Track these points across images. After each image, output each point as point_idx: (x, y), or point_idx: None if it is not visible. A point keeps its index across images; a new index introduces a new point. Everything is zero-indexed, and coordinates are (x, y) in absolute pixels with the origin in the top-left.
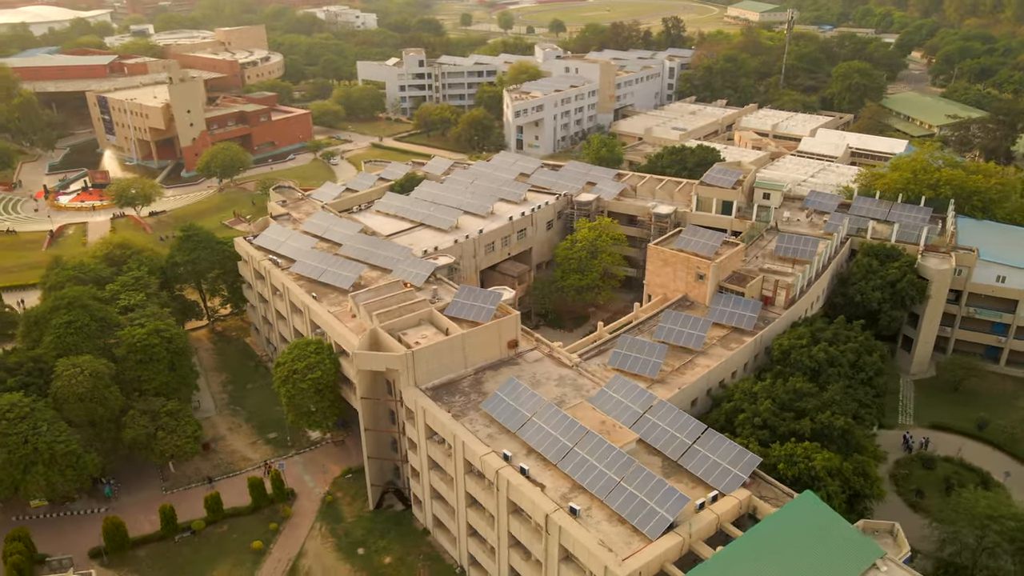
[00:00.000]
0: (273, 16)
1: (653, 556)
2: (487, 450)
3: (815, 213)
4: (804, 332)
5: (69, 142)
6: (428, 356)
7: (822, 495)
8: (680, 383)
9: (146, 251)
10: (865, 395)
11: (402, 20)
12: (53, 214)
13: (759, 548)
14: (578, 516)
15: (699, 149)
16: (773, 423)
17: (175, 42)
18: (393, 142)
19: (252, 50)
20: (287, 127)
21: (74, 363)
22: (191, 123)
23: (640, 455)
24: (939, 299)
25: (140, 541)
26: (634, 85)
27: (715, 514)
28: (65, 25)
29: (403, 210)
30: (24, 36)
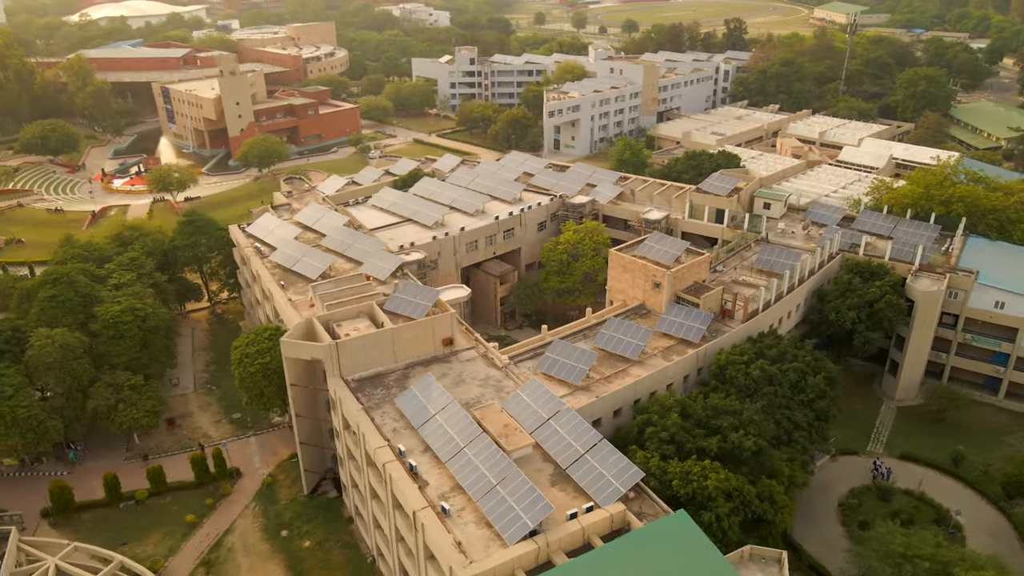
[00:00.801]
0: (353, 13)
1: (502, 561)
2: (382, 443)
3: (815, 226)
4: (747, 348)
5: (138, 129)
6: (354, 348)
7: (712, 516)
8: (602, 392)
9: (152, 234)
10: (803, 417)
11: (473, 18)
12: (104, 196)
13: (609, 563)
14: (449, 516)
15: (718, 155)
16: (680, 438)
17: (248, 37)
18: (436, 138)
19: (319, 45)
20: (334, 121)
21: (47, 334)
22: (239, 114)
23: (534, 460)
24: (927, 323)
25: (88, 506)
26: (682, 88)
27: (581, 526)
28: (161, 19)
29: (395, 205)
30: (121, 29)
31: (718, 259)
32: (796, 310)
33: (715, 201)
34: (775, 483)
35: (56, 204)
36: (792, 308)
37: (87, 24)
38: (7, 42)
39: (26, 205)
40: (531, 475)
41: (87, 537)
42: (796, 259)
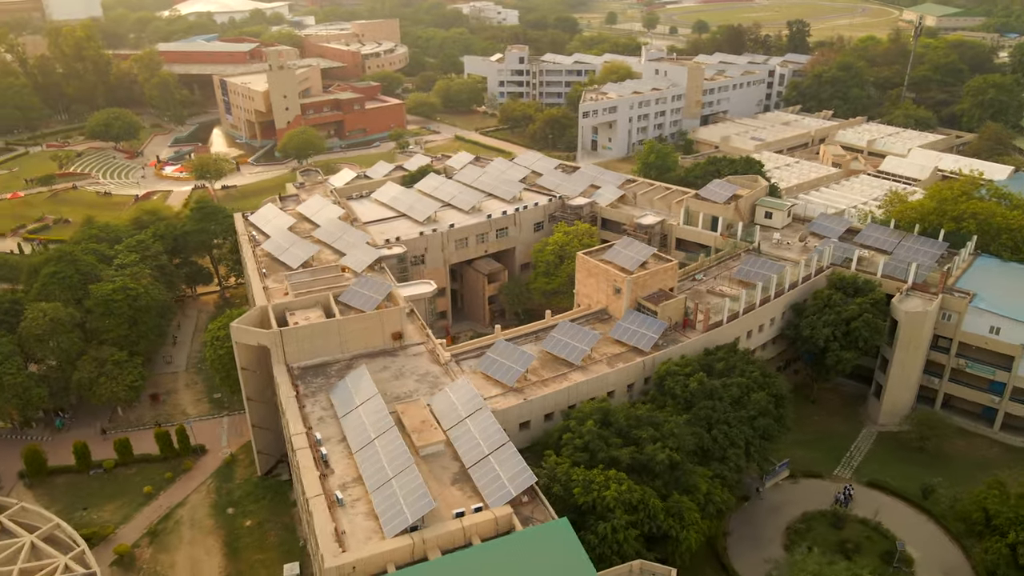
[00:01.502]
0: (425, 11)
1: (374, 553)
2: (300, 431)
3: (816, 237)
4: (692, 359)
5: (200, 119)
6: (300, 336)
7: (608, 527)
8: (533, 394)
9: (167, 219)
10: (741, 434)
11: (541, 17)
12: (154, 182)
13: (471, 564)
14: (342, 505)
15: (739, 160)
16: (595, 447)
17: (316, 33)
18: (477, 136)
19: (380, 42)
20: (379, 116)
21: (41, 308)
22: (286, 107)
23: (443, 458)
24: (912, 345)
25: (61, 470)
26: (730, 91)
27: (462, 526)
28: (245, 15)
29: (395, 200)
30: (206, 24)
31: (701, 267)
32: (770, 324)
33: (710, 208)
34: (687, 500)
35: (106, 188)
36: (765, 321)
37: (176, 19)
38: (87, 35)
39: (80, 188)
40: (436, 472)
41: (55, 500)
42: (777, 271)
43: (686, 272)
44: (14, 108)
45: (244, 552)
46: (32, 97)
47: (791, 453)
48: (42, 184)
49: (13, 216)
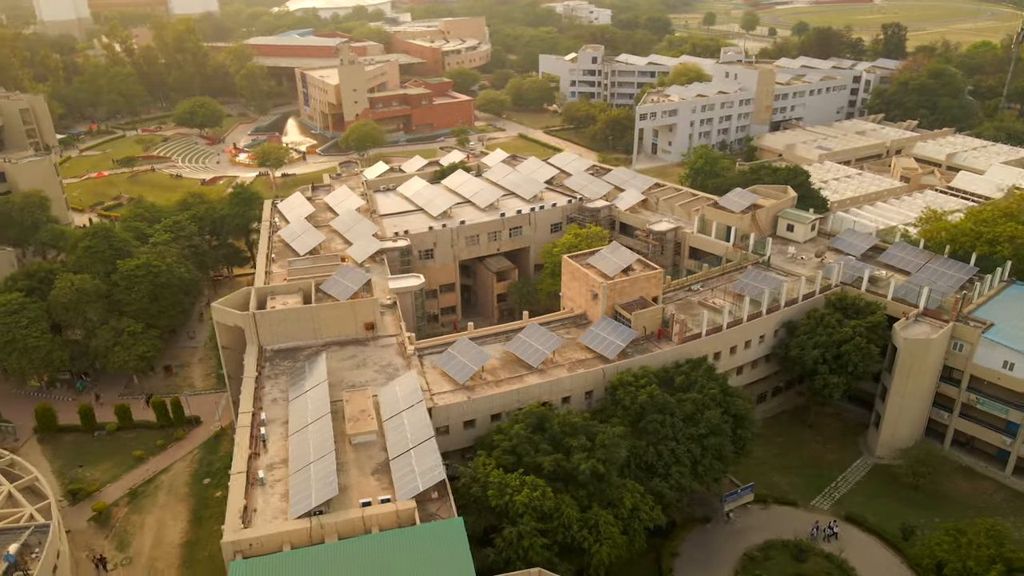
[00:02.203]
0: (521, 9)
1: (270, 533)
2: (248, 410)
3: (838, 253)
4: (649, 371)
5: (284, 110)
6: (273, 320)
7: (514, 532)
8: (481, 394)
9: (210, 203)
10: (686, 452)
11: (633, 17)
12: (226, 167)
13: (357, 552)
14: (263, 485)
15: (782, 169)
16: (522, 450)
17: (403, 30)
18: (541, 135)
19: (464, 39)
20: (446, 111)
21: (70, 279)
22: (355, 100)
23: (373, 447)
24: (913, 374)
25: (70, 428)
26: (806, 97)
27: (362, 515)
28: (348, 11)
29: (416, 194)
30: (311, 19)
31: (700, 277)
32: (760, 341)
33: (725, 217)
34: (606, 513)
35: (179, 171)
36: (753, 338)
37: (284, 14)
38: (188, 28)
39: (157, 170)
40: (361, 461)
41: (58, 455)
42: (776, 286)
43: (683, 282)
44: (119, 95)
45: (207, 521)
46: (136, 85)
47: (770, 478)
48: (124, 165)
49: (95, 193)
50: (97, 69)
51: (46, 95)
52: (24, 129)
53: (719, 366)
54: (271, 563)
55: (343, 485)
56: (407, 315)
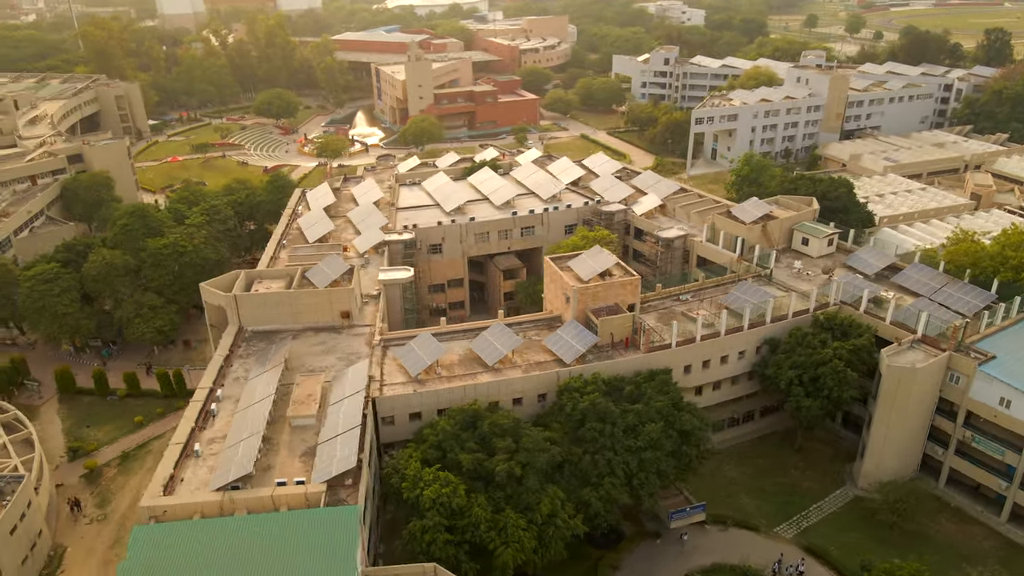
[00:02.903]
0: (616, 9)
1: (184, 502)
2: (205, 386)
3: (849, 271)
4: (599, 379)
5: (360, 103)
6: (253, 303)
7: (419, 526)
8: (429, 388)
9: (251, 190)
10: (622, 464)
11: (727, 18)
12: (293, 157)
13: (253, 527)
14: (198, 456)
15: (825, 180)
16: (447, 446)
17: (485, 27)
18: (604, 136)
19: (545, 38)
20: (511, 109)
21: (103, 253)
22: (420, 96)
23: (308, 431)
24: (899, 405)
25: (86, 391)
26: (885, 105)
27: (271, 494)
28: (444, 8)
29: (436, 189)
30: (407, 16)
31: (692, 288)
32: (740, 357)
33: (734, 227)
34: (516, 516)
35: (245, 159)
36: (731, 353)
37: (381, 11)
38: (278, 23)
39: (227, 157)
40: (295, 442)
41: (71, 414)
42: (765, 300)
43: (673, 291)
44: (210, 85)
45: None
46: (228, 76)
47: (738, 499)
48: (198, 151)
49: (168, 176)
50: (194, 60)
51: (145, 84)
52: (119, 114)
53: (691, 380)
54: (170, 529)
55: (269, 464)
56: (395, 307)
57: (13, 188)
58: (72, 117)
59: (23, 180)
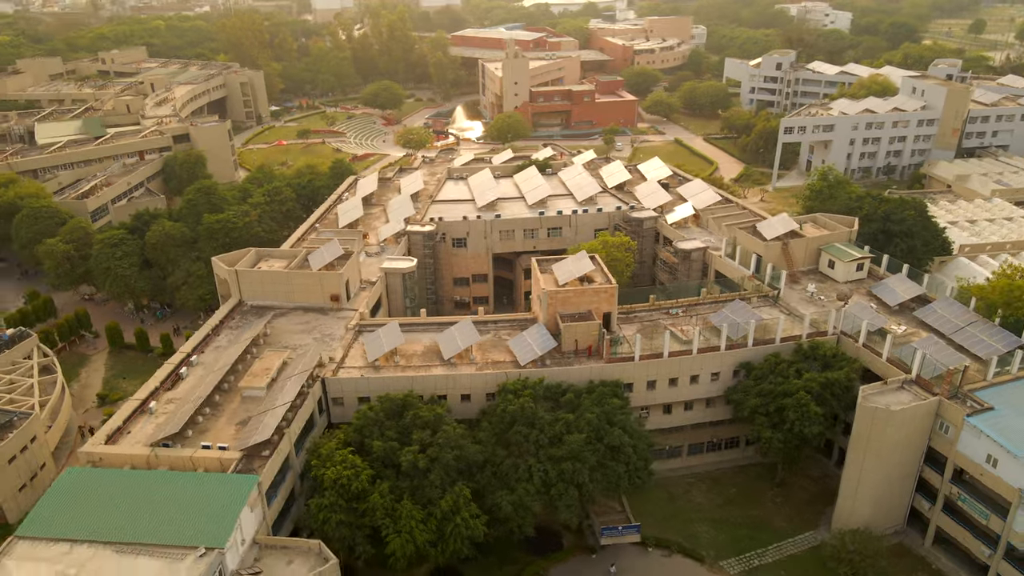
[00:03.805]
0: (753, 9)
1: (119, 453)
2: (184, 351)
3: (875, 300)
4: (541, 384)
5: (469, 98)
6: (251, 279)
7: (316, 503)
8: (377, 375)
9: (314, 174)
10: (539, 472)
11: (875, 21)
12: (388, 147)
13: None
14: (151, 414)
15: (894, 200)
16: (367, 432)
17: (603, 27)
18: (700, 142)
19: (665, 38)
20: (607, 110)
21: (163, 224)
22: (516, 93)
23: (257, 401)
24: (873, 449)
25: (132, 347)
26: (1015, 121)
27: (191, 455)
28: (579, 7)
29: (476, 185)
30: (542, 14)
31: (688, 303)
32: (713, 378)
33: (752, 244)
34: (412, 506)
35: (340, 146)
36: (703, 373)
37: (515, 8)
38: (400, 18)
39: (326, 143)
40: (239, 411)
41: (114, 365)
42: (750, 321)
43: (664, 303)
44: (332, 75)
45: None
46: (349, 68)
47: (694, 526)
48: (301, 137)
49: (271, 159)
50: (321, 52)
51: (274, 73)
52: (243, 100)
53: (656, 396)
54: (94, 475)
55: (207, 428)
56: (397, 295)
57: (123, 161)
58: (199, 101)
59: (132, 155)
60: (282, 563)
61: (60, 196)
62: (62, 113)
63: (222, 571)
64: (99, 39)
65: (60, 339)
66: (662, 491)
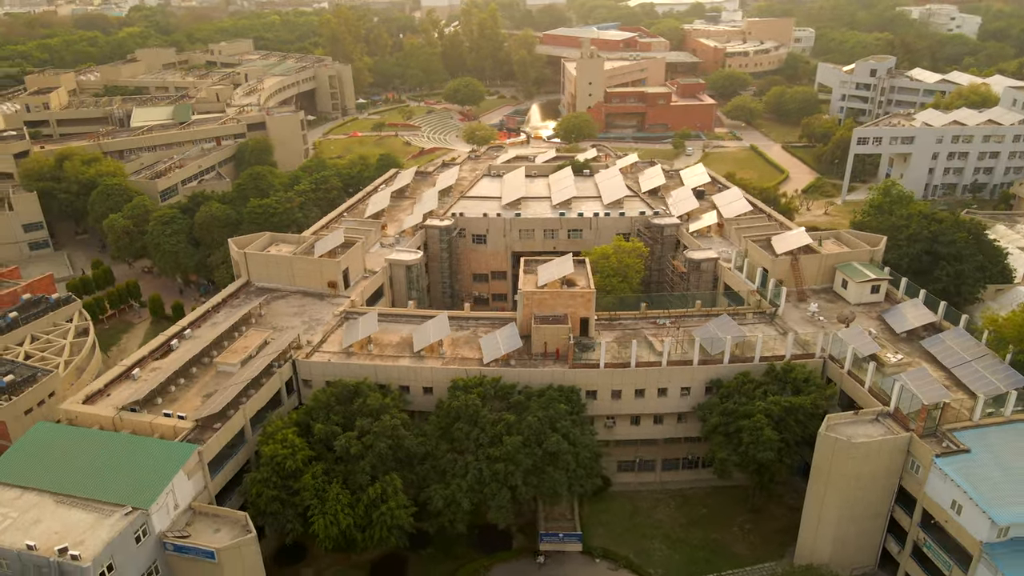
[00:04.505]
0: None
1: (90, 413)
2: (180, 324)
3: (882, 325)
4: (489, 382)
5: (552, 97)
6: (257, 262)
7: (253, 478)
8: (344, 361)
9: (364, 165)
10: (474, 468)
11: (1005, 26)
12: (453, 142)
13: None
14: (134, 380)
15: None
16: (316, 416)
17: (700, 28)
18: (777, 150)
19: (763, 41)
20: (684, 114)
21: (211, 206)
22: (589, 93)
23: (225, 376)
24: (833, 482)
25: (169, 318)
26: None
27: (150, 421)
28: (686, 6)
29: (507, 182)
30: (646, 13)
31: (676, 314)
32: (684, 393)
33: (761, 257)
34: (341, 489)
35: (409, 139)
36: (671, 386)
37: (617, 7)
38: (490, 16)
39: (398, 136)
40: (210, 384)
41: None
42: (730, 336)
43: (651, 313)
44: (420, 71)
45: None
46: (438, 63)
47: (649, 542)
48: (374, 130)
49: (344, 148)
50: (412, 48)
51: (365, 67)
52: (330, 92)
53: (621, 406)
54: (59, 431)
55: (176, 398)
56: (401, 286)
57: (201, 146)
58: (287, 92)
59: (210, 140)
60: (210, 530)
61: (137, 176)
62: (161, 100)
63: (147, 530)
64: (218, 32)
65: (111, 307)
66: (627, 504)
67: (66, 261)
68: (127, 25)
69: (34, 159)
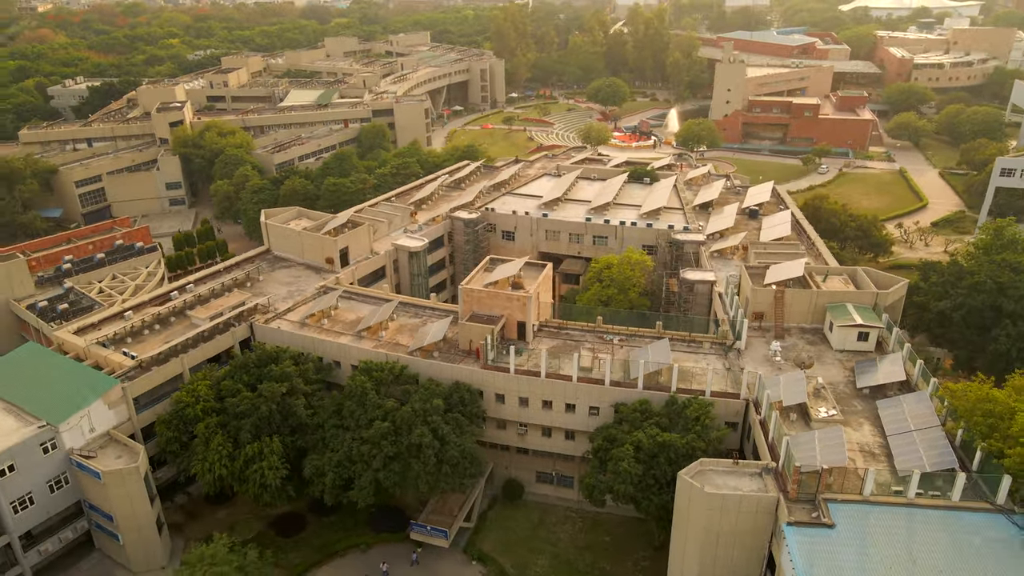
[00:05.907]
0: None
1: (71, 343)
2: (185, 280)
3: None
4: (390, 368)
5: (702, 102)
6: (276, 233)
7: (161, 417)
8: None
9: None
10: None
11: None
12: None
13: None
14: (125, 319)
15: (1019, 270)
16: (234, 372)
17: (896, 35)
18: (933, 176)
19: (969, 52)
20: (833, 128)
21: (294, 181)
22: (727, 100)
23: (191, 328)
24: (691, 533)
25: None
26: None
27: (107, 356)
28: (906, 12)
29: (558, 183)
30: (856, 19)
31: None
32: (591, 412)
33: (746, 286)
34: (227, 444)
35: (533, 135)
36: (578, 404)
37: (823, 11)
38: (657, 15)
39: (526, 131)
40: (176, 332)
41: None
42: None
43: (605, 328)
44: (579, 68)
45: None
46: (599, 62)
47: (536, 559)
48: (504, 123)
49: (473, 138)
50: (575, 45)
51: (525, 63)
52: (480, 84)
53: (530, 415)
54: (38, 351)
55: (144, 340)
56: (405, 270)
57: (330, 127)
58: (438, 82)
59: (339, 122)
60: (113, 455)
61: (264, 149)
62: (320, 84)
63: (56, 444)
64: (412, 24)
65: (200, 260)
66: (536, 514)
67: (192, 217)
68: (343, 16)
69: (183, 128)
